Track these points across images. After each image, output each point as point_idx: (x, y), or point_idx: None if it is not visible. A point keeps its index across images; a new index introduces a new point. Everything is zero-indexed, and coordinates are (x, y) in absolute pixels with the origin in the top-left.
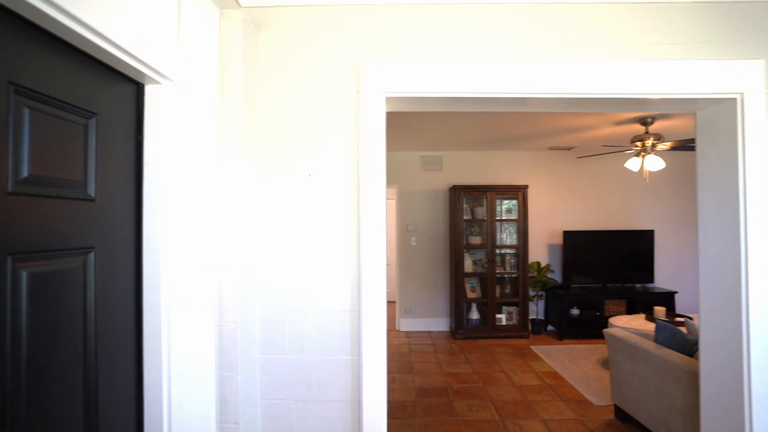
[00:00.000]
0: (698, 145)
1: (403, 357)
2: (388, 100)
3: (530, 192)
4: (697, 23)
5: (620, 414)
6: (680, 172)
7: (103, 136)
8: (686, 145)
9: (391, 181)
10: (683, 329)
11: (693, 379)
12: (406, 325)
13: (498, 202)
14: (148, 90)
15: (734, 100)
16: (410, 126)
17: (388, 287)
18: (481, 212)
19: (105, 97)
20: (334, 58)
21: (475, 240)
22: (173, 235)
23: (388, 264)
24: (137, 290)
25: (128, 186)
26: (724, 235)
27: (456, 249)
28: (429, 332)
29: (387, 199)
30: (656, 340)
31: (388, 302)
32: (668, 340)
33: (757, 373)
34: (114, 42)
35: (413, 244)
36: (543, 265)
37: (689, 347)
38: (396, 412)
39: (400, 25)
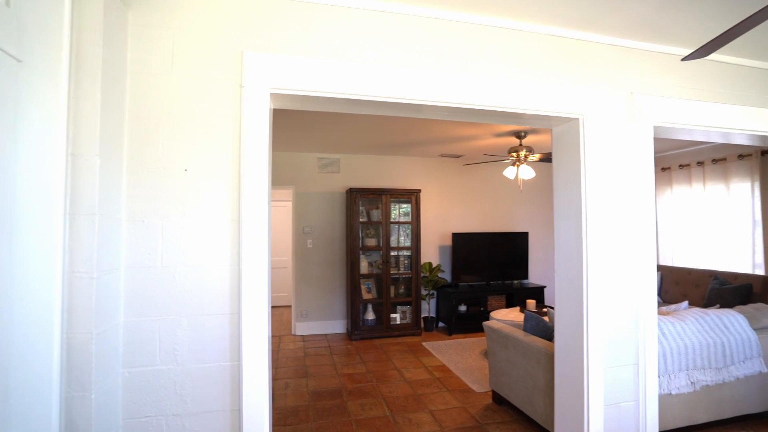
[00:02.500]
0: (554, 157)
1: (298, 361)
2: (274, 96)
3: (423, 196)
4: (554, 53)
5: (497, 398)
6: (547, 180)
7: None
8: (550, 158)
9: (287, 182)
10: (546, 318)
11: (550, 360)
12: (302, 329)
13: (393, 205)
14: None
15: (578, 120)
16: (308, 127)
17: (284, 291)
18: (376, 215)
19: None
20: (216, 47)
21: (371, 242)
22: None
23: (284, 267)
24: None
25: None
26: (570, 237)
27: (352, 251)
28: (326, 335)
29: (284, 200)
30: (525, 329)
31: (285, 306)
32: (534, 328)
33: (593, 352)
34: None
35: (310, 246)
36: (434, 265)
37: (549, 333)
38: (288, 418)
39: (289, 20)
